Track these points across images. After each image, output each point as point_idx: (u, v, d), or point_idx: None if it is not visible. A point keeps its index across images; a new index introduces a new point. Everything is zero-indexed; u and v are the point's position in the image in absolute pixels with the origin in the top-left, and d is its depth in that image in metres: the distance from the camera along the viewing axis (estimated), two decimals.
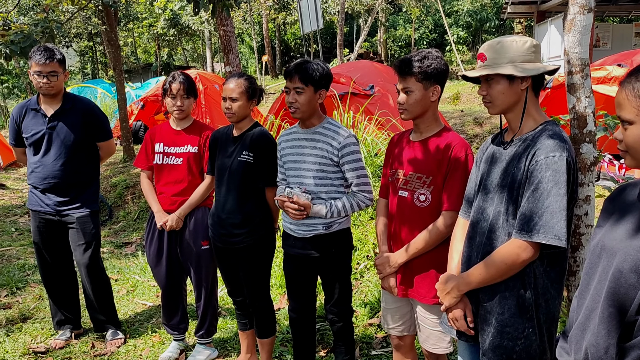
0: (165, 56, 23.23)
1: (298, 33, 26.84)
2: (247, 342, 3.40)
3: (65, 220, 3.66)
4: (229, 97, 3.02)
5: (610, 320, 1.33)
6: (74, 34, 22.14)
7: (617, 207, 1.47)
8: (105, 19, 7.73)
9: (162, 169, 3.40)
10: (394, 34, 25.17)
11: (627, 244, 1.34)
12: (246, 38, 29.97)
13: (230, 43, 9.08)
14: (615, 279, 1.32)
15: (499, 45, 1.97)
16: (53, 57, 3.52)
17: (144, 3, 19.67)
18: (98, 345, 3.76)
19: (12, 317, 4.20)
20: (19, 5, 16.82)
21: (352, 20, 26.64)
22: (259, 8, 20.70)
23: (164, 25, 19.84)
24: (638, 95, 1.34)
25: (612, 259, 1.35)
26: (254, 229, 3.06)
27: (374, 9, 19.47)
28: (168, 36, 20.70)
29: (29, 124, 3.64)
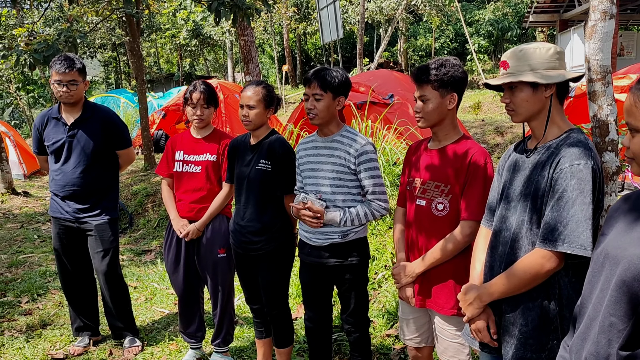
0: (187, 66, 23.49)
1: (318, 43, 26.94)
2: (264, 351, 3.38)
3: (84, 227, 3.69)
4: (246, 105, 3.03)
5: (611, 329, 1.29)
6: (98, 44, 22.51)
7: (622, 215, 1.43)
8: (128, 30, 7.85)
9: (182, 177, 3.41)
10: (415, 43, 25.12)
11: (631, 252, 1.30)
12: (267, 48, 30.18)
13: (250, 53, 9.16)
14: (618, 288, 1.28)
15: (522, 52, 1.94)
16: (73, 66, 3.56)
17: (167, 14, 19.95)
18: (116, 353, 3.78)
19: (32, 323, 4.24)
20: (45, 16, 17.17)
21: (373, 29, 26.67)
22: (280, 18, 20.85)
23: (186, 36, 20.11)
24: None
25: (616, 268, 1.32)
26: (273, 236, 3.05)
27: (394, 19, 19.47)
28: (190, 46, 20.96)
29: (50, 133, 3.69)
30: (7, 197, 9.22)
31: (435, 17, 20.04)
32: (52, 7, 18.79)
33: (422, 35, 25.25)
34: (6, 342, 3.89)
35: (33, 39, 5.62)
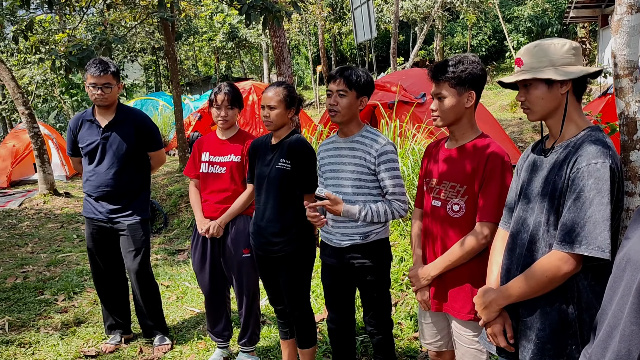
0: (223, 68, 23.80)
1: (353, 43, 26.85)
2: (288, 352, 3.39)
3: (117, 227, 3.78)
4: (267, 105, 3.05)
5: (632, 338, 1.24)
6: (138, 48, 23.08)
7: None
8: (164, 33, 8.00)
9: (207, 178, 3.46)
10: (451, 41, 24.79)
11: None
12: (303, 49, 30.29)
13: (282, 54, 9.19)
14: (639, 295, 1.23)
15: (537, 48, 1.89)
16: (107, 70, 3.65)
17: (204, 17, 20.25)
18: (146, 350, 3.85)
19: (67, 320, 4.37)
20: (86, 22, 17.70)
21: (408, 28, 26.44)
22: (315, 19, 20.89)
23: (223, 39, 20.37)
24: None
25: (637, 274, 1.27)
26: (293, 237, 3.05)
27: (429, 17, 19.26)
28: (226, 49, 21.22)
29: (84, 135, 3.78)
30: (49, 197, 9.53)
31: (471, 14, 19.70)
32: (93, 13, 19.35)
33: (459, 32, 24.89)
34: (41, 339, 4.02)
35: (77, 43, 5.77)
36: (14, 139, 12.14)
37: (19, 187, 11.65)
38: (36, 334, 4.13)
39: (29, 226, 7.96)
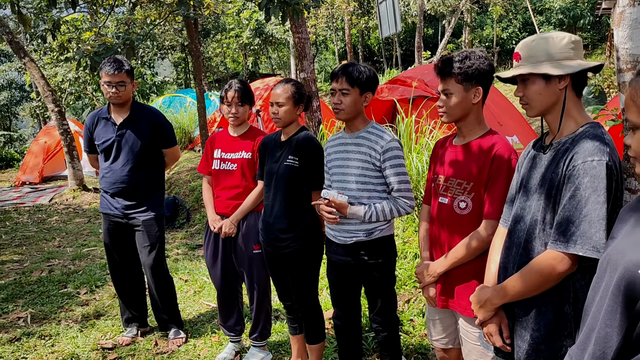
0: (250, 65, 23.95)
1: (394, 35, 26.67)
2: (298, 347, 3.41)
3: (132, 223, 3.85)
4: (276, 102, 3.06)
5: (606, 341, 1.21)
6: (168, 46, 23.38)
7: (631, 218, 1.33)
8: (187, 31, 8.09)
9: (219, 175, 3.49)
10: (480, 34, 24.37)
11: (628, 257, 1.22)
12: (330, 44, 30.24)
13: (304, 50, 9.20)
14: (614, 297, 1.20)
15: (534, 42, 1.85)
16: (121, 68, 3.71)
17: (231, 14, 20.40)
18: (161, 344, 3.92)
19: (87, 313, 4.48)
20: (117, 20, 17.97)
21: (437, 21, 26.12)
22: (341, 14, 20.82)
23: (249, 35, 20.48)
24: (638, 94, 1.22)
25: (614, 274, 1.23)
26: (300, 234, 3.06)
27: (457, 10, 18.99)
28: (253, 45, 21.34)
29: (100, 132, 3.86)
30: (78, 193, 9.76)
31: (499, 6, 19.34)
32: (123, 11, 19.67)
33: (488, 25, 24.45)
34: (61, 332, 4.13)
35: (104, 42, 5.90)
36: (46, 136, 12.47)
37: (50, 182, 11.97)
38: (57, 326, 4.24)
39: (57, 221, 8.17)
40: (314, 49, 30.64)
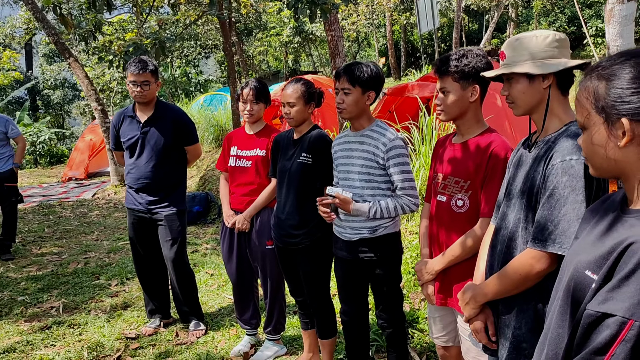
0: (290, 63, 24.13)
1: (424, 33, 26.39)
2: (310, 341, 3.47)
3: (155, 217, 3.99)
4: (287, 103, 3.12)
5: (559, 341, 1.20)
6: (211, 45, 23.80)
7: (593, 218, 1.31)
8: (221, 31, 8.24)
9: (235, 171, 3.58)
10: (526, 28, 23.78)
11: (580, 257, 1.21)
12: (373, 41, 30.12)
13: (337, 47, 9.22)
14: (565, 297, 1.19)
15: (518, 42, 1.84)
16: (146, 68, 3.85)
17: (272, 13, 20.60)
18: (182, 335, 4.05)
19: (116, 304, 4.66)
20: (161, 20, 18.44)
21: (482, 16, 25.62)
22: (382, 10, 20.72)
23: (290, 34, 20.64)
24: (586, 96, 1.21)
25: (566, 276, 1.23)
26: (312, 230, 3.11)
27: (500, 4, 18.58)
28: (293, 43, 21.50)
29: (125, 130, 4.01)
30: (119, 188, 10.10)
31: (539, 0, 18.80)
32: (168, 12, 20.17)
33: (535, 20, 23.82)
34: (89, 321, 4.32)
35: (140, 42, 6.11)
36: (91, 134, 12.94)
37: (95, 178, 12.43)
38: (86, 316, 4.44)
39: (97, 215, 8.49)
40: (355, 46, 30.56)
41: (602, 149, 1.25)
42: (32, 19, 13.66)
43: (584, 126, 1.27)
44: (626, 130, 1.19)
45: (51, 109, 30.95)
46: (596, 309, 1.12)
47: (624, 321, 1.07)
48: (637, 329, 1.06)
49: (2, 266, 5.93)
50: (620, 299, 1.10)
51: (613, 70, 1.23)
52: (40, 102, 31.28)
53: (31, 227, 7.77)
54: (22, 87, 27.02)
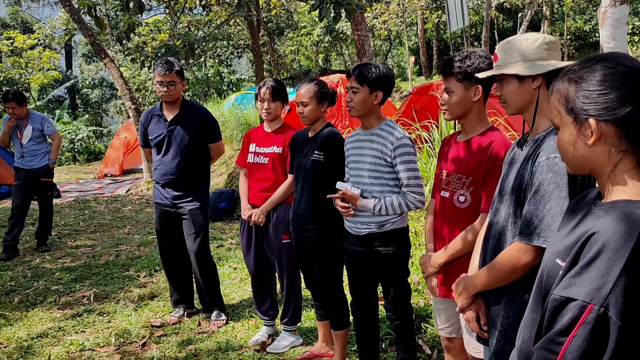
0: (321, 62, 24.28)
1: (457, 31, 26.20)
2: (324, 332, 3.60)
3: (180, 211, 4.17)
4: (301, 102, 3.25)
5: (532, 326, 1.30)
6: (243, 45, 24.15)
7: (572, 211, 1.40)
8: (249, 32, 8.42)
9: (253, 168, 3.73)
10: (561, 26, 23.37)
11: (553, 247, 1.30)
12: (405, 40, 30.05)
13: (364, 47, 9.33)
14: (539, 283, 1.29)
15: (509, 44, 1.93)
16: (172, 69, 4.04)
17: (303, 12, 20.79)
18: (204, 324, 4.23)
19: (143, 294, 4.88)
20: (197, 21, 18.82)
21: (516, 14, 25.29)
22: (414, 8, 20.68)
23: (320, 33, 20.80)
24: (558, 98, 1.30)
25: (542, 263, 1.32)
26: (325, 225, 3.24)
27: (534, 2, 18.34)
28: (324, 42, 21.65)
29: (153, 128, 4.21)
30: (151, 185, 10.39)
31: None
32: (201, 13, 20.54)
33: (570, 17, 23.41)
34: (118, 310, 4.54)
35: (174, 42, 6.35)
36: (126, 132, 13.34)
37: (129, 175, 12.81)
38: (115, 305, 4.66)
39: (130, 210, 8.79)
40: (387, 45, 30.52)
41: (572, 147, 1.34)
42: (70, 20, 14.13)
43: (557, 126, 1.36)
44: (593, 130, 1.28)
45: (89, 108, 31.85)
46: (560, 294, 1.22)
47: (585, 305, 1.17)
48: (595, 312, 1.16)
49: (38, 257, 6.24)
50: (581, 284, 1.19)
51: (582, 74, 1.32)
52: (79, 100, 32.24)
53: (67, 221, 8.11)
54: (62, 86, 27.91)
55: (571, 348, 1.18)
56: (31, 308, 4.67)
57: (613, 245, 1.19)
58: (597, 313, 1.16)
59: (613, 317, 1.15)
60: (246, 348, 3.79)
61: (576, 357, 1.17)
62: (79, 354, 3.79)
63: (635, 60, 1.31)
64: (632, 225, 1.21)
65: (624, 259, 1.17)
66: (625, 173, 1.29)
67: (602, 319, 1.16)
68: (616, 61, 1.30)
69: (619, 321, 1.15)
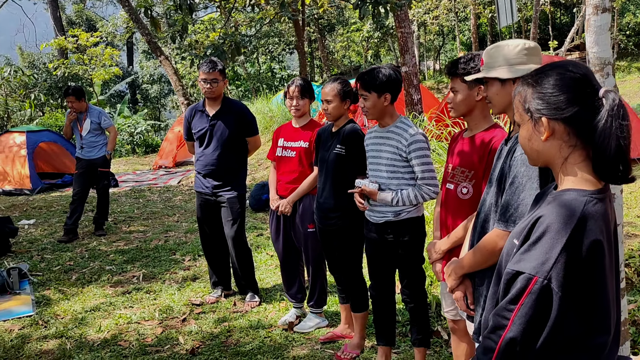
0: (370, 57, 24.42)
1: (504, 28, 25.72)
2: (346, 314, 3.86)
3: (219, 200, 4.52)
4: (325, 100, 3.52)
5: (493, 298, 1.52)
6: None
7: (536, 202, 1.61)
8: (294, 30, 8.75)
9: (281, 161, 4.03)
10: (620, 21, 22.58)
11: (514, 229, 1.52)
12: (459, 35, 29.74)
13: (407, 44, 9.47)
14: (500, 261, 1.51)
15: (493, 50, 2.13)
16: (215, 68, 4.39)
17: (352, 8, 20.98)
18: (239, 304, 4.57)
19: (187, 276, 5.29)
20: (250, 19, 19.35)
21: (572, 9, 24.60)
22: (465, 3, 20.53)
23: (370, 29, 20.94)
24: (519, 99, 1.51)
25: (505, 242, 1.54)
26: (345, 213, 3.50)
27: None
28: (373, 38, 21.78)
29: (196, 122, 4.58)
30: None
31: None
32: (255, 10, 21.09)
33: (630, 12, 22.59)
34: (164, 289, 4.95)
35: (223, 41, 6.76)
36: (179, 126, 13.93)
37: (181, 167, 13.41)
38: (161, 284, 5.08)
39: (180, 200, 9.29)
40: (440, 40, 30.28)
41: (529, 142, 1.56)
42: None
43: (518, 123, 1.58)
44: (545, 127, 1.50)
45: (149, 102, 33.12)
46: (512, 268, 1.45)
47: (530, 277, 1.40)
48: (540, 284, 1.38)
49: (95, 240, 6.78)
50: (528, 260, 1.42)
51: (537, 78, 1.54)
52: (139, 95, 33.55)
53: (123, 209, 8.68)
54: (123, 82, 29.18)
55: (519, 314, 1.41)
56: (86, 285, 5.15)
57: (555, 227, 1.42)
58: (541, 285, 1.38)
59: (555, 288, 1.37)
60: (275, 327, 4.10)
61: (523, 322, 1.41)
62: (126, 326, 4.21)
63: (583, 68, 1.52)
64: (573, 211, 1.43)
65: (564, 239, 1.39)
66: (576, 165, 1.50)
67: (545, 290, 1.38)
68: (566, 68, 1.51)
69: (559, 292, 1.37)
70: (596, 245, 1.39)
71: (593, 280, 1.40)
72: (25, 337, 4.08)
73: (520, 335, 1.40)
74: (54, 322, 4.33)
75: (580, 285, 1.39)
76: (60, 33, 23.79)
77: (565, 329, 1.40)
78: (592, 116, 1.45)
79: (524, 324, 1.40)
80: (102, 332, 4.13)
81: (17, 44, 28.61)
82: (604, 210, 1.45)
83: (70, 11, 34.32)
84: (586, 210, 1.41)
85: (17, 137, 10.91)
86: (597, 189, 1.47)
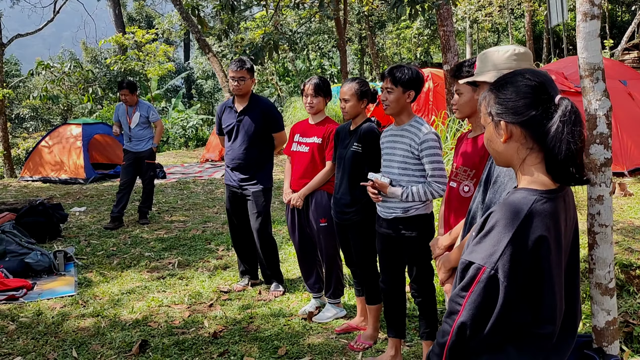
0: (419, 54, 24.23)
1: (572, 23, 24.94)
2: (362, 306, 4.00)
3: (245, 193, 4.73)
4: (343, 99, 3.66)
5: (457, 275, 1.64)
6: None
7: None
8: (335, 28, 8.88)
9: (295, 155, 4.19)
10: None
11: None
12: (514, 32, 29.08)
13: (449, 42, 9.47)
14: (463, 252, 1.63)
15: (484, 55, 2.22)
16: (243, 66, 4.61)
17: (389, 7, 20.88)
18: (263, 293, 4.78)
19: (219, 265, 5.54)
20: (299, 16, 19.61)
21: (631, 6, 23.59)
22: (519, 1, 20.08)
23: (420, 26, 20.80)
24: (483, 104, 1.63)
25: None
26: (361, 209, 3.63)
27: None
28: (423, 35, 21.62)
29: (225, 118, 4.81)
30: None
31: None
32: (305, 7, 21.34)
33: None
34: (195, 276, 5.22)
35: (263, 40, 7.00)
36: None
37: None
38: (194, 272, 5.36)
39: (221, 192, 9.61)
40: (494, 37, 29.67)
41: (491, 143, 1.68)
42: None
43: (484, 126, 1.69)
44: (503, 130, 1.61)
45: (203, 97, 34.01)
46: (465, 258, 1.58)
47: (479, 267, 1.52)
48: (487, 273, 1.50)
49: (138, 228, 7.16)
50: (478, 251, 1.54)
51: (500, 85, 1.65)
52: (194, 90, 34.51)
53: (167, 199, 9.08)
54: (179, 77, 30.09)
55: (470, 301, 1.53)
56: (125, 269, 5.49)
57: (503, 222, 1.53)
58: (488, 274, 1.50)
59: (501, 278, 1.49)
60: (295, 316, 4.28)
61: (473, 308, 1.53)
62: (156, 309, 4.49)
63: (541, 76, 1.62)
64: (520, 208, 1.54)
65: (510, 233, 1.50)
66: (532, 166, 1.61)
67: (492, 279, 1.50)
68: (525, 76, 1.62)
69: (505, 282, 1.49)
70: (541, 241, 1.49)
71: (538, 273, 1.50)
72: (65, 314, 4.42)
73: (470, 320, 1.52)
74: (92, 302, 4.66)
75: (524, 277, 1.49)
76: (120, 29, 24.80)
77: (511, 317, 1.51)
78: (546, 121, 1.55)
79: (473, 310, 1.52)
80: (134, 313, 4.42)
81: (80, 40, 29.94)
82: (553, 209, 1.54)
83: (131, 8, 35.60)
84: (533, 209, 1.51)
85: (74, 129, 11.56)
86: (548, 189, 1.56)
